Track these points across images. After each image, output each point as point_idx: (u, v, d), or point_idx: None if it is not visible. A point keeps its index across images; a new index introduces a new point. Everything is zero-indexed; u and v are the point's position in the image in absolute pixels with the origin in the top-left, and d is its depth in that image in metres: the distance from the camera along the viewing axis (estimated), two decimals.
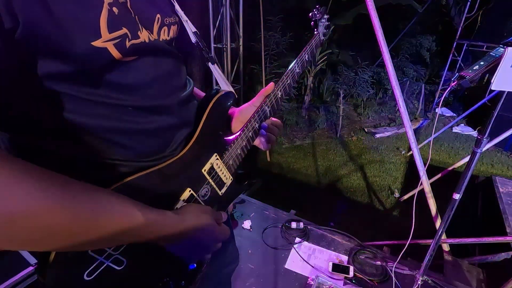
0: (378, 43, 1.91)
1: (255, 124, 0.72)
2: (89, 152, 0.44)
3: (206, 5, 3.29)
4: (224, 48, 3.54)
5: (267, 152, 4.80)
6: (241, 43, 3.64)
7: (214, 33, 3.44)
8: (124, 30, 0.40)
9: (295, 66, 0.79)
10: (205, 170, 0.59)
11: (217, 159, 0.62)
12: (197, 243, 0.53)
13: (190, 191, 0.56)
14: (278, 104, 0.78)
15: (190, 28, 0.62)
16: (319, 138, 5.67)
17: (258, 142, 0.79)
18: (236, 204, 2.49)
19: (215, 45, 3.52)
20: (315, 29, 0.91)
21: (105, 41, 0.38)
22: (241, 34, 3.59)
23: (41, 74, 0.36)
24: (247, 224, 2.22)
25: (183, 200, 0.54)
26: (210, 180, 0.62)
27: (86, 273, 0.45)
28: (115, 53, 0.39)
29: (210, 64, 0.66)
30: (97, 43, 0.37)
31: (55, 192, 0.32)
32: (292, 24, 5.66)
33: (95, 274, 0.46)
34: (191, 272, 0.63)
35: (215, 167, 0.62)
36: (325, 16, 0.92)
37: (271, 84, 0.75)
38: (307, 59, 0.84)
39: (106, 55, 0.39)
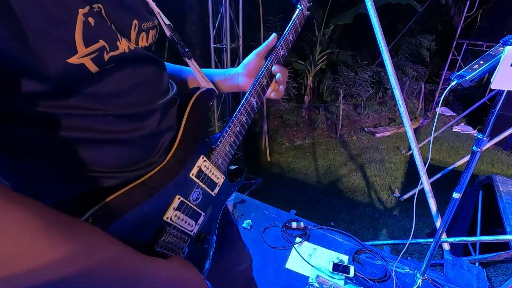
0: (377, 42, 1.91)
1: (242, 118, 0.69)
2: (71, 166, 0.42)
3: (205, 5, 3.29)
4: (224, 48, 3.54)
5: (267, 152, 4.80)
6: (240, 43, 3.63)
7: (214, 33, 3.43)
8: (102, 43, 0.38)
9: (279, 48, 0.76)
10: (193, 174, 0.57)
11: (205, 160, 0.60)
12: None
13: (179, 198, 0.53)
14: (264, 91, 0.75)
15: (163, 20, 0.58)
16: (319, 138, 5.67)
17: (269, 94, 0.79)
18: (236, 204, 2.49)
19: (215, 45, 3.52)
20: (298, 4, 0.84)
21: (82, 56, 0.36)
22: (240, 34, 3.58)
23: (15, 94, 0.34)
24: (247, 224, 2.23)
25: (174, 208, 0.52)
26: (200, 183, 0.59)
27: None
28: (93, 67, 0.38)
29: (186, 59, 0.64)
30: (73, 60, 0.35)
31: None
32: None
33: None
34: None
35: (204, 169, 0.59)
36: None
37: (274, 36, 0.74)
38: (291, 39, 0.80)
39: (82, 71, 0.37)
